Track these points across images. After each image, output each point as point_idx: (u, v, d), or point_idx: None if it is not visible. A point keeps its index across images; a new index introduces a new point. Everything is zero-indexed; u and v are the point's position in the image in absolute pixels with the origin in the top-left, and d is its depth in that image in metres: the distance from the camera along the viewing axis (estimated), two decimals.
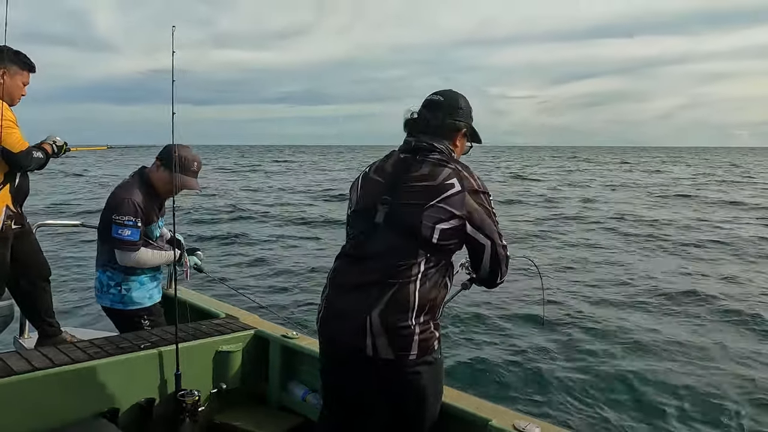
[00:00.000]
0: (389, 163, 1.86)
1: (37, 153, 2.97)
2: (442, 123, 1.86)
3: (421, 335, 1.70)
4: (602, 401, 4.89)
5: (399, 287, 1.69)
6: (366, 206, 1.81)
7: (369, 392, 1.83)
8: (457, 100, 1.91)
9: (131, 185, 2.92)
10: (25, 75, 2.99)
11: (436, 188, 1.72)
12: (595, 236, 13.43)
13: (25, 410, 2.14)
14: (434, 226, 1.69)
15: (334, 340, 1.83)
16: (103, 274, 2.92)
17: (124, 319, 2.94)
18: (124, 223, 2.78)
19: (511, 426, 1.88)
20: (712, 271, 9.79)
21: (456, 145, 1.90)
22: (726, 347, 6.10)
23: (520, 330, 6.71)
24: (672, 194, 24.15)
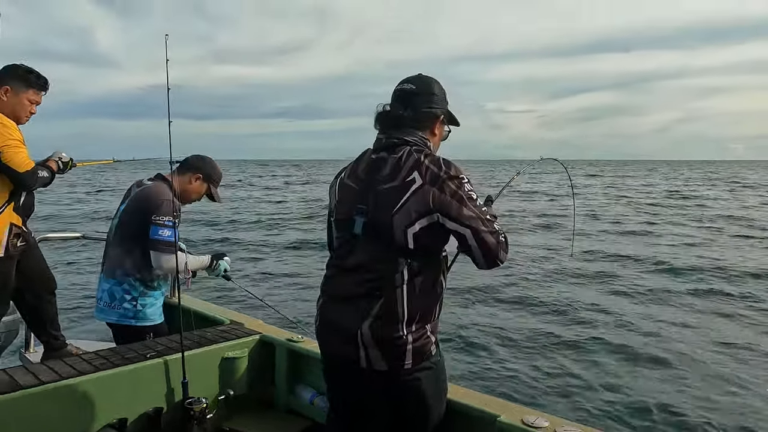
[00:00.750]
0: (361, 167, 1.76)
1: (42, 172, 2.96)
2: (417, 114, 1.73)
3: (415, 343, 1.65)
4: (609, 394, 4.89)
5: (386, 299, 1.63)
6: (344, 216, 1.74)
7: (369, 400, 1.80)
8: (431, 85, 1.78)
9: (164, 188, 2.81)
10: (31, 93, 2.92)
11: (398, 189, 1.62)
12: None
13: (32, 424, 2.13)
14: (405, 230, 1.60)
15: (330, 352, 1.82)
16: (119, 285, 2.79)
17: (130, 336, 2.79)
18: (164, 223, 2.68)
19: (519, 421, 1.88)
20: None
21: (434, 133, 1.80)
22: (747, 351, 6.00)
23: (527, 325, 6.71)
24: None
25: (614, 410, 4.57)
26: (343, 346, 1.71)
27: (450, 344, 5.93)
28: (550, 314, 7.22)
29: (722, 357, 5.73)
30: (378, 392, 1.75)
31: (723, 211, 21.49)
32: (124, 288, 2.79)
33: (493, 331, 6.51)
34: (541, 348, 5.96)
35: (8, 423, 2.07)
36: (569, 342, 6.14)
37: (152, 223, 2.70)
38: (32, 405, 2.14)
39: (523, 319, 6.98)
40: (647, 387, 5.02)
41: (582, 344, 6.07)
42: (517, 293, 8.33)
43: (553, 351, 5.86)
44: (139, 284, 2.81)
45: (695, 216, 19.95)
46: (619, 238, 14.34)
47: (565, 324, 6.78)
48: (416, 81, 1.78)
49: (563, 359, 5.61)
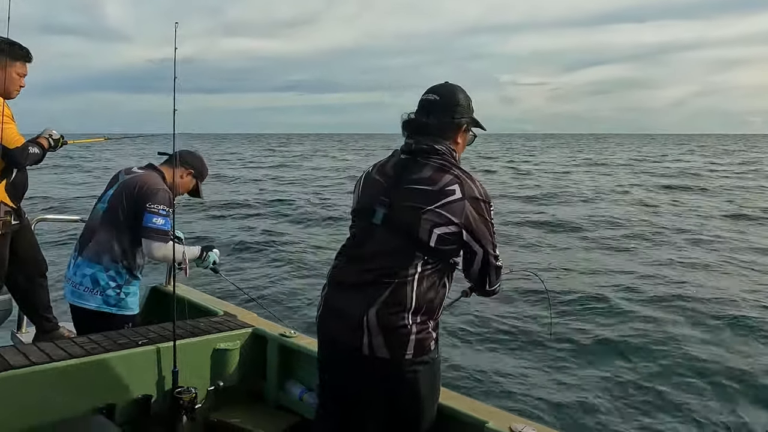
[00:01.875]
0: (390, 164, 1.85)
1: (33, 148, 2.92)
2: (440, 124, 1.82)
3: (417, 335, 1.71)
4: (598, 403, 4.89)
5: (396, 287, 1.70)
6: (365, 206, 1.82)
7: (366, 390, 1.82)
8: (455, 96, 1.85)
9: (157, 178, 2.82)
10: (19, 66, 2.91)
11: (436, 193, 1.71)
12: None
13: (21, 405, 2.13)
14: (432, 229, 1.69)
15: (332, 338, 1.84)
16: (104, 272, 2.74)
17: (107, 325, 2.71)
18: (159, 212, 2.68)
19: (507, 428, 1.88)
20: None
21: (457, 142, 1.87)
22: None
23: (518, 332, 6.71)
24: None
25: (603, 420, 4.58)
26: (346, 332, 1.74)
27: (443, 346, 5.93)
28: (541, 319, 7.22)
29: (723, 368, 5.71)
30: (375, 382, 1.77)
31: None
32: (109, 275, 2.75)
33: (481, 335, 6.51)
34: (530, 354, 5.96)
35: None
36: (560, 349, 6.14)
37: (147, 210, 2.68)
38: (21, 385, 2.14)
39: (514, 322, 6.99)
40: (639, 397, 5.02)
41: (574, 352, 6.07)
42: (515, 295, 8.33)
43: (543, 358, 5.87)
44: (125, 272, 2.78)
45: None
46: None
47: (558, 331, 6.78)
48: (440, 91, 1.86)
49: (553, 366, 5.62)
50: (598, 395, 5.02)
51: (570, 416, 4.63)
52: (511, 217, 14.31)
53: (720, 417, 4.62)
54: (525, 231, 12.91)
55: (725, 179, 26.95)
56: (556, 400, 4.91)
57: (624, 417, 4.65)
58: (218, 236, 12.52)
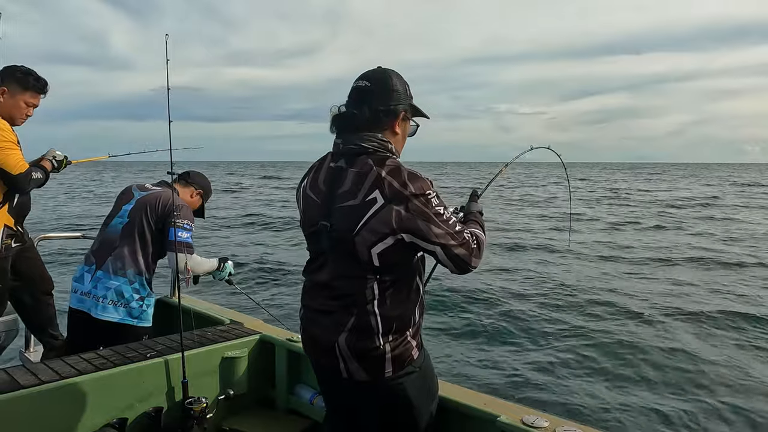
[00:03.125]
0: (321, 177, 1.69)
1: (36, 173, 2.94)
2: (373, 114, 1.63)
3: (394, 352, 1.62)
4: (608, 394, 4.89)
5: (358, 314, 1.60)
6: (311, 231, 1.70)
7: (357, 405, 1.79)
8: (389, 80, 1.67)
9: (174, 195, 2.88)
10: (28, 96, 2.90)
11: (359, 208, 1.55)
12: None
13: (33, 424, 2.13)
14: (369, 250, 1.55)
15: (313, 361, 1.82)
16: (129, 285, 2.77)
17: (128, 337, 2.76)
18: (184, 226, 2.78)
19: (519, 421, 1.88)
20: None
21: (395, 132, 1.68)
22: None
23: (527, 325, 6.71)
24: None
25: (614, 410, 4.58)
26: (323, 358, 1.70)
27: (448, 342, 5.94)
28: (551, 312, 7.22)
29: (732, 359, 5.72)
30: (363, 399, 1.74)
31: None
32: (134, 287, 2.79)
33: (492, 329, 6.51)
34: (541, 347, 5.96)
35: (8, 423, 2.08)
36: (570, 341, 6.14)
37: (174, 225, 2.75)
38: (32, 405, 2.14)
39: (523, 316, 6.99)
40: (649, 386, 5.02)
41: (583, 344, 6.07)
42: (518, 290, 8.33)
43: (553, 350, 5.87)
44: (147, 285, 2.85)
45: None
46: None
47: (566, 322, 6.78)
48: (372, 77, 1.67)
49: (564, 358, 5.62)
50: (608, 388, 5.02)
51: (583, 409, 4.63)
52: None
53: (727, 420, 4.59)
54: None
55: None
56: (567, 393, 4.91)
57: (636, 410, 4.65)
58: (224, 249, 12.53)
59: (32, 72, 2.92)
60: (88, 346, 2.74)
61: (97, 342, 2.77)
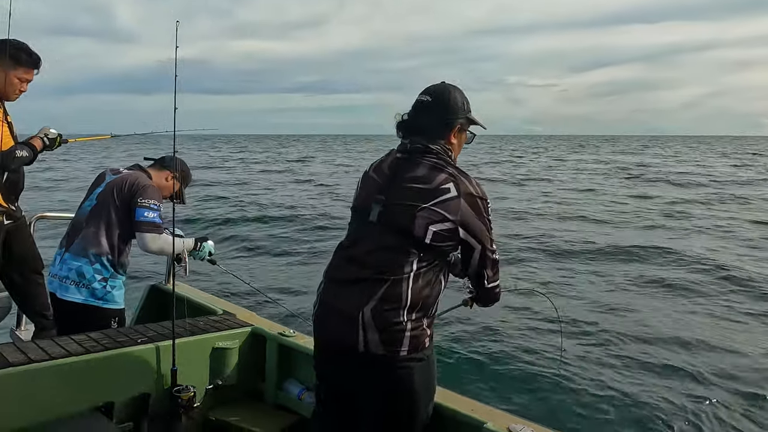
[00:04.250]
0: (386, 163, 1.87)
1: (21, 152, 2.91)
2: (433, 125, 1.84)
3: (412, 331, 1.72)
4: (599, 404, 4.89)
5: (391, 284, 1.71)
6: (362, 204, 1.85)
7: (362, 388, 1.82)
8: (447, 97, 1.87)
9: (145, 177, 2.90)
10: (21, 71, 2.89)
11: (431, 191, 1.73)
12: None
13: (20, 402, 2.13)
14: (427, 227, 1.71)
15: (328, 335, 1.86)
16: (90, 265, 2.77)
17: (94, 318, 2.75)
18: (150, 206, 2.75)
19: (505, 429, 1.88)
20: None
21: (451, 142, 1.88)
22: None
23: (517, 331, 6.71)
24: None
25: (603, 419, 4.58)
26: (342, 329, 1.76)
27: (439, 345, 5.94)
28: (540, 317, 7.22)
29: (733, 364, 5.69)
30: (370, 379, 1.78)
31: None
32: (95, 268, 2.78)
33: (481, 334, 6.51)
34: (530, 354, 5.96)
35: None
36: (558, 347, 6.14)
37: (138, 205, 2.75)
38: (20, 383, 2.14)
39: (512, 322, 6.99)
40: (640, 395, 5.01)
41: (573, 350, 6.07)
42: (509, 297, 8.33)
43: (542, 357, 5.86)
44: (109, 265, 2.81)
45: None
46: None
47: (555, 328, 6.78)
48: (433, 93, 1.87)
49: (553, 366, 5.62)
50: (598, 398, 5.02)
51: (569, 419, 4.63)
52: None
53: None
54: None
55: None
56: (554, 402, 4.91)
57: (625, 421, 4.65)
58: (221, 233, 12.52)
59: (24, 46, 2.90)
60: (59, 327, 2.81)
61: (65, 323, 2.81)
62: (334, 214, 15.18)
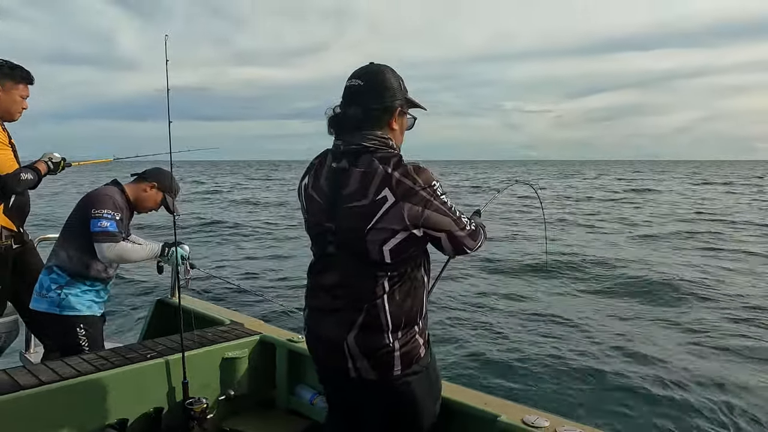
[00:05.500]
0: (323, 177, 1.68)
1: (27, 175, 2.94)
2: (368, 113, 1.63)
3: (402, 349, 1.63)
4: (612, 394, 4.89)
5: (367, 311, 1.61)
6: (315, 231, 1.71)
7: (362, 404, 1.79)
8: (381, 77, 1.66)
9: (111, 189, 2.89)
10: (21, 88, 2.95)
11: (369, 208, 1.56)
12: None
13: (33, 425, 2.14)
14: (381, 248, 1.57)
15: (319, 362, 1.82)
16: (47, 275, 2.83)
17: (58, 326, 2.81)
18: (103, 215, 2.74)
19: (519, 420, 1.88)
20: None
21: (392, 128, 1.68)
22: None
23: (527, 325, 6.71)
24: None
25: (616, 409, 4.57)
26: (331, 357, 1.70)
27: (448, 342, 5.93)
28: (550, 312, 7.22)
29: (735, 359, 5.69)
30: (369, 398, 1.74)
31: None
32: (51, 277, 2.81)
33: (491, 329, 6.51)
34: (541, 346, 5.95)
35: (9, 423, 2.08)
36: (570, 340, 6.14)
37: (92, 217, 2.75)
38: (33, 406, 2.14)
39: (522, 316, 6.99)
40: (650, 385, 5.01)
41: (584, 343, 6.07)
42: (517, 290, 8.33)
43: (554, 349, 5.86)
44: (66, 274, 2.81)
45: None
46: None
47: (565, 322, 6.78)
48: (364, 75, 1.66)
49: (564, 357, 5.61)
50: (608, 387, 5.02)
51: (584, 409, 4.62)
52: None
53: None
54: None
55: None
56: (568, 391, 4.90)
57: (637, 411, 4.64)
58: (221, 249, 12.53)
59: (17, 65, 2.95)
60: (38, 337, 3.04)
61: (38, 333, 3.01)
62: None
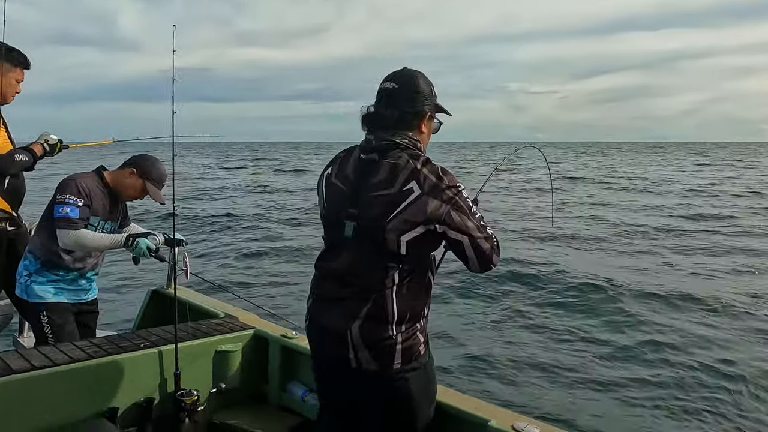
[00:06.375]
0: (350, 167, 1.75)
1: (21, 156, 2.92)
2: (401, 115, 1.71)
3: (404, 343, 1.67)
4: (602, 401, 4.89)
5: (375, 300, 1.65)
6: (333, 218, 1.74)
7: (360, 399, 1.80)
8: (415, 82, 1.74)
9: (83, 174, 2.86)
10: (17, 72, 2.95)
11: (395, 197, 1.62)
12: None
13: (24, 410, 2.14)
14: (399, 238, 1.62)
15: (320, 352, 1.83)
16: (23, 261, 2.86)
17: (27, 311, 2.90)
18: (66, 200, 2.69)
19: (509, 427, 1.88)
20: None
21: (422, 131, 1.77)
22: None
23: (521, 330, 6.71)
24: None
25: (608, 417, 4.58)
26: (332, 347, 1.72)
27: (440, 344, 5.93)
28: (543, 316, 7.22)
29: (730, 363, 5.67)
30: (367, 392, 1.76)
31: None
32: (24, 264, 2.85)
33: (485, 332, 6.51)
34: (533, 351, 5.95)
35: None
36: (563, 346, 6.14)
37: (55, 202, 2.72)
38: (23, 390, 2.14)
39: (516, 320, 6.99)
40: (644, 392, 5.01)
41: (577, 349, 6.07)
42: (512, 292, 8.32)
43: (546, 355, 5.86)
44: (37, 262, 2.82)
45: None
46: None
47: (560, 327, 6.78)
48: (399, 78, 1.74)
49: (557, 363, 5.62)
50: (602, 395, 5.02)
51: (573, 415, 4.62)
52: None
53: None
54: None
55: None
56: (559, 399, 4.91)
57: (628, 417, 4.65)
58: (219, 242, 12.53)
59: (14, 48, 2.94)
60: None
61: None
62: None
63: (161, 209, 2.88)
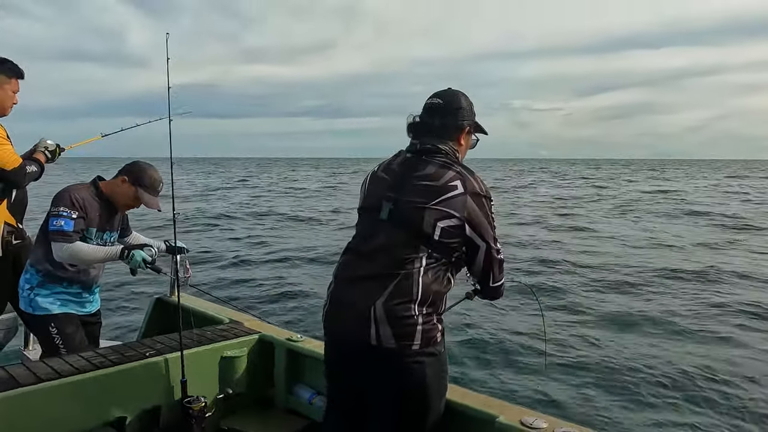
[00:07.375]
0: (396, 163, 1.92)
1: (31, 167, 2.93)
2: (444, 126, 1.91)
3: (424, 326, 1.74)
4: (608, 395, 4.89)
5: (402, 278, 1.75)
6: (372, 203, 1.88)
7: (374, 384, 1.82)
8: (457, 100, 1.95)
9: (79, 185, 2.84)
10: (13, 83, 2.94)
11: (438, 189, 1.77)
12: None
13: (31, 422, 2.13)
14: (435, 223, 1.75)
15: (339, 331, 1.87)
16: (24, 274, 2.85)
17: (34, 324, 2.86)
18: (59, 213, 2.67)
19: (518, 422, 1.88)
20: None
21: (461, 143, 1.95)
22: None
23: (528, 326, 6.71)
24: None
25: (614, 412, 4.57)
26: (354, 324, 1.77)
27: (449, 342, 5.92)
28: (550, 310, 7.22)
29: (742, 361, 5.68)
30: (383, 373, 1.78)
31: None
32: (26, 278, 2.82)
33: (491, 330, 6.51)
34: (541, 347, 5.95)
35: (7, 421, 2.08)
36: (569, 340, 6.14)
37: (50, 215, 2.70)
38: (31, 403, 2.14)
39: (522, 315, 6.99)
40: (649, 386, 5.01)
41: (582, 341, 6.07)
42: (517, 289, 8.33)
43: (553, 350, 5.86)
44: (39, 275, 2.80)
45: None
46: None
47: (564, 320, 6.78)
48: (444, 96, 1.95)
49: (564, 359, 5.62)
50: (609, 390, 5.01)
51: (581, 410, 4.62)
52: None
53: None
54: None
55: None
56: (566, 392, 4.90)
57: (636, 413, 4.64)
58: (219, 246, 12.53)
59: (8, 60, 2.94)
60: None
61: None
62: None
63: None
